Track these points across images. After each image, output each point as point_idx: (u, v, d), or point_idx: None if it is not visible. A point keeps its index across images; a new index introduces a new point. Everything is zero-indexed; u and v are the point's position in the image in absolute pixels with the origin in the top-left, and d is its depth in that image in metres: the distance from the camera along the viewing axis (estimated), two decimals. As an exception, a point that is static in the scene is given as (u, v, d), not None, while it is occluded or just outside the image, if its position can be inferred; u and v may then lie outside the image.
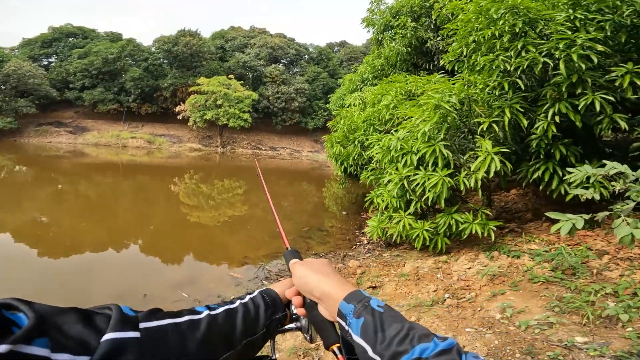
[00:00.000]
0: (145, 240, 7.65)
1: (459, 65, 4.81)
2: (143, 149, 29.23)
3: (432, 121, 4.01)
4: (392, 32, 9.05)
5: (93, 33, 36.64)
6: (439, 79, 4.62)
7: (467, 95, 3.89)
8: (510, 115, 3.75)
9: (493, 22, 3.89)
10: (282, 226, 1.04)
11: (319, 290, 0.62)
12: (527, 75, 3.90)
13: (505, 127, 3.81)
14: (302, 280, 0.66)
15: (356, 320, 0.54)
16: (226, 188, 15.22)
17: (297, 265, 0.70)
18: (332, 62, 40.79)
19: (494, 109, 3.82)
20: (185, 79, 32.23)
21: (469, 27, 4.13)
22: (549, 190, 4.11)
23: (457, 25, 4.37)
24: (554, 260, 3.75)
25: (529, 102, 4.03)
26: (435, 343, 0.48)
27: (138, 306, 1.96)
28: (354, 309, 0.56)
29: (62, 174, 17.28)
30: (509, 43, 3.76)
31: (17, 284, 4.98)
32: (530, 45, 3.59)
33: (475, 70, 4.21)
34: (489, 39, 3.89)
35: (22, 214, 9.24)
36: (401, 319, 0.53)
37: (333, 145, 7.91)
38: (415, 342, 0.49)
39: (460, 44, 4.32)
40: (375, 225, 4.98)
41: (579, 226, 1.83)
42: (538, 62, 3.49)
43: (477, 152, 3.96)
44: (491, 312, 3.10)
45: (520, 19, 3.65)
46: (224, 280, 5.30)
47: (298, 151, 34.91)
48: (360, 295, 0.58)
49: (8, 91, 27.98)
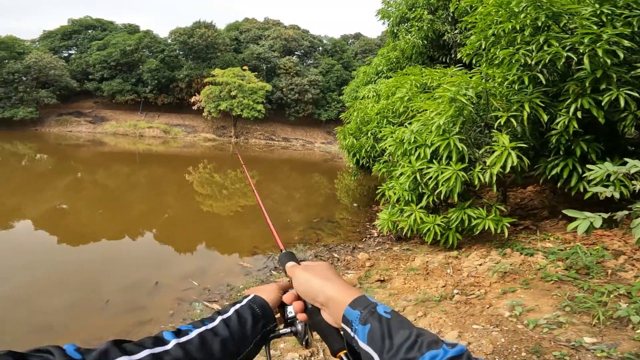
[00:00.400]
0: (157, 228, 7.83)
1: (477, 59, 4.71)
2: (159, 139, 29.77)
3: (448, 114, 3.95)
4: (408, 24, 8.89)
5: (111, 25, 37.18)
6: (455, 72, 4.52)
7: (485, 88, 3.81)
8: (530, 110, 3.67)
9: (514, 15, 3.79)
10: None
11: (323, 295, 0.60)
12: (548, 69, 3.79)
13: (524, 122, 3.73)
14: (305, 285, 0.64)
15: (362, 327, 0.53)
16: (239, 178, 15.37)
17: (297, 270, 0.68)
18: (346, 54, 40.37)
19: (513, 103, 3.74)
20: (200, 70, 32.49)
21: (488, 20, 4.03)
22: (568, 188, 4.00)
23: (475, 18, 4.27)
24: (568, 259, 3.67)
25: (550, 96, 3.93)
26: (445, 350, 0.47)
27: (150, 293, 2.04)
28: (360, 315, 0.54)
29: (82, 162, 17.77)
30: (531, 37, 3.67)
31: (34, 270, 5.17)
32: (553, 39, 3.49)
33: (494, 64, 4.12)
34: (509, 32, 3.80)
35: (42, 202, 9.57)
36: (408, 325, 0.52)
37: (346, 137, 7.88)
38: (424, 348, 0.47)
39: (478, 37, 4.23)
40: (386, 218, 4.96)
41: (597, 225, 1.78)
42: (561, 57, 3.40)
43: (493, 146, 3.89)
44: (500, 309, 3.06)
45: (544, 13, 3.55)
46: (234, 269, 5.38)
47: (311, 142, 34.89)
48: (366, 301, 0.56)
49: (29, 82, 28.71)
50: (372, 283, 4.18)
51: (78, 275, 5.11)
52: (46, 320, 3.84)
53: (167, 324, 3.76)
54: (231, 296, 4.35)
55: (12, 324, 3.73)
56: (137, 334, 3.56)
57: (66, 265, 5.48)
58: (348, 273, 4.59)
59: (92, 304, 4.23)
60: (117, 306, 4.18)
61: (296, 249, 6.05)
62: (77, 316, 3.99)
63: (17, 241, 6.51)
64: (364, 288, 4.04)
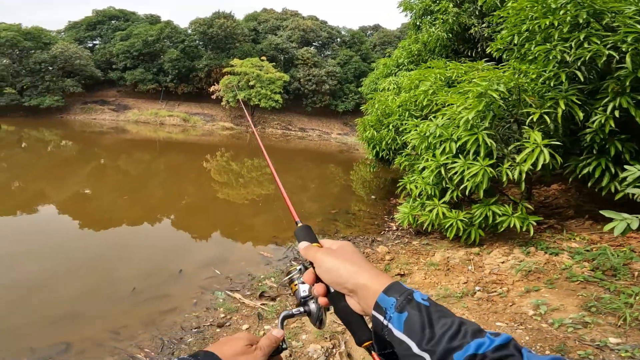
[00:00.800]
0: (178, 215, 8.02)
1: (507, 54, 4.60)
2: (179, 127, 30.35)
3: (477, 109, 3.88)
4: (432, 17, 8.69)
5: (133, 15, 37.79)
6: (486, 67, 4.43)
7: (517, 84, 3.72)
8: (565, 107, 3.58)
9: (551, 11, 3.68)
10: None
11: (353, 282, 0.56)
12: (586, 67, 3.69)
13: (558, 119, 3.64)
14: (332, 273, 0.59)
15: (398, 315, 0.50)
16: (255, 166, 15.56)
17: (320, 255, 0.62)
18: (364, 46, 39.80)
19: (546, 99, 3.64)
20: (219, 60, 32.78)
21: (522, 15, 3.93)
22: (598, 188, 3.90)
23: (507, 12, 4.16)
24: (595, 260, 3.60)
25: (585, 94, 3.82)
26: (490, 338, 0.45)
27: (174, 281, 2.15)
28: (396, 302, 0.51)
29: (105, 149, 18.32)
30: (569, 33, 3.57)
31: (64, 254, 5.37)
32: (594, 36, 3.40)
33: (527, 60, 4.02)
34: (546, 29, 3.70)
35: (66, 187, 9.96)
36: (449, 314, 0.50)
37: (366, 128, 7.84)
38: (468, 337, 0.45)
39: (510, 32, 4.12)
40: (406, 212, 4.95)
41: (634, 227, 1.76)
42: (602, 55, 3.32)
43: (524, 143, 3.82)
44: (523, 308, 3.05)
45: (585, 10, 3.45)
46: (255, 259, 5.45)
47: (327, 133, 34.82)
48: (401, 288, 0.53)
49: (55, 71, 29.69)
50: (392, 277, 4.21)
51: (104, 262, 5.21)
52: (74, 307, 3.90)
53: (190, 313, 3.79)
54: (252, 286, 4.37)
55: (42, 310, 3.78)
56: (162, 322, 3.61)
57: (91, 251, 5.60)
58: (367, 266, 4.62)
59: (118, 291, 4.28)
60: (142, 294, 4.19)
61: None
62: (104, 303, 4.04)
63: (43, 226, 6.72)
64: (384, 281, 4.07)
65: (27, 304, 3.90)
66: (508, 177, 3.88)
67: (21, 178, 10.66)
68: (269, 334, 0.67)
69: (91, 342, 3.28)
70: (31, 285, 4.28)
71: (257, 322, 3.60)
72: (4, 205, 7.63)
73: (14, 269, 4.65)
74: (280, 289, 4.27)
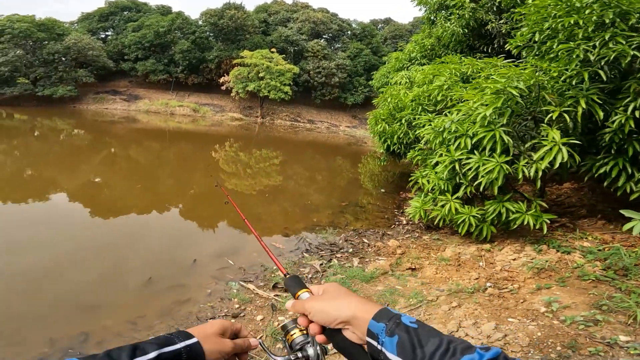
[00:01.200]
0: (189, 206, 8.11)
1: (527, 51, 4.57)
2: (189, 117, 30.60)
3: (495, 105, 3.88)
4: (448, 12, 8.57)
5: (145, 6, 37.94)
6: (506, 64, 4.39)
7: (537, 81, 3.70)
8: (585, 106, 3.57)
9: (575, 10, 3.66)
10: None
11: (344, 315, 0.59)
12: (609, 66, 3.67)
13: (578, 118, 3.63)
14: (322, 314, 0.62)
15: (390, 339, 0.53)
16: (263, 157, 15.65)
17: (309, 304, 0.65)
18: (375, 39, 39.36)
19: (566, 98, 3.63)
20: (229, 52, 32.78)
21: (544, 13, 3.89)
22: (614, 187, 3.89)
23: (528, 9, 4.12)
24: (607, 260, 3.61)
25: (606, 93, 3.80)
26: (480, 354, 0.47)
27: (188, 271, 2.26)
28: (386, 327, 0.54)
29: (116, 138, 18.54)
30: (593, 33, 3.55)
31: (79, 244, 5.43)
32: (619, 36, 3.38)
33: (548, 57, 4.00)
34: (569, 27, 3.67)
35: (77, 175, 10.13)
36: (437, 333, 0.52)
37: (377, 122, 7.83)
38: (458, 354, 0.47)
39: (531, 29, 4.09)
40: (418, 206, 4.98)
41: (652, 227, 1.78)
42: (627, 55, 3.31)
43: (541, 141, 3.81)
44: (535, 304, 3.09)
45: (612, 10, 3.43)
46: (266, 249, 5.54)
47: (335, 125, 34.75)
48: (389, 313, 0.56)
49: (69, 62, 30.08)
50: (403, 271, 4.26)
51: (118, 251, 5.26)
52: (91, 297, 3.95)
53: (205, 303, 3.83)
54: (265, 277, 4.43)
55: (59, 300, 3.83)
56: (177, 312, 3.66)
57: (105, 240, 5.65)
58: (379, 259, 4.69)
59: (133, 280, 4.32)
60: (157, 283, 4.22)
61: (326, 231, 6.19)
62: (121, 293, 4.08)
63: (57, 215, 6.77)
64: (396, 276, 4.13)
65: (45, 294, 3.93)
66: (524, 174, 3.88)
67: (33, 166, 10.85)
68: (246, 339, 0.71)
69: (110, 332, 3.29)
70: (48, 275, 4.31)
71: (271, 313, 3.64)
72: (19, 194, 7.75)
73: (29, 259, 4.66)
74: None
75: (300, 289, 0.71)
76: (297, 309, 0.66)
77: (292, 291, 0.72)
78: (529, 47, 4.50)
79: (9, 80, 28.20)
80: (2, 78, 27.76)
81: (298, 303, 0.67)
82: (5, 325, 3.33)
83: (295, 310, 0.67)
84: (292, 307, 0.68)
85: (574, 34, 3.69)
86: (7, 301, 3.76)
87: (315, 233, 6.17)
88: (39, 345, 3.08)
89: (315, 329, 0.64)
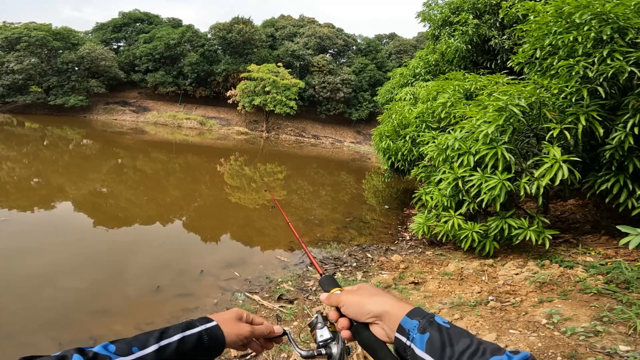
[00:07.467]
0: (196, 218, 8.22)
1: (529, 67, 4.67)
2: (195, 130, 31.00)
3: (497, 123, 3.96)
4: (451, 28, 8.80)
5: (157, 19, 39.05)
6: (508, 81, 4.51)
7: (538, 99, 3.80)
8: (585, 123, 3.63)
9: (575, 26, 3.75)
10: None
11: (376, 310, 0.62)
12: (608, 83, 3.74)
13: (578, 135, 3.69)
14: (356, 306, 0.65)
15: (421, 336, 0.54)
16: (268, 172, 15.79)
17: (344, 296, 0.68)
18: (380, 55, 39.99)
19: (567, 115, 3.71)
20: (237, 65, 33.45)
21: (545, 29, 3.99)
22: (616, 204, 3.95)
23: (530, 26, 4.24)
24: (609, 274, 3.66)
25: (606, 110, 3.87)
26: (509, 356, 0.48)
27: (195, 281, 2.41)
28: (419, 324, 0.56)
29: (123, 149, 18.83)
30: (592, 49, 3.63)
31: (88, 251, 5.53)
32: (617, 52, 3.46)
33: (549, 74, 4.09)
34: (569, 44, 3.76)
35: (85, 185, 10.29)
36: (468, 334, 0.53)
37: (382, 138, 7.94)
38: (487, 355, 0.48)
39: (533, 46, 4.19)
40: (421, 222, 5.06)
41: (648, 242, 1.86)
42: (625, 71, 3.37)
43: (542, 158, 3.88)
44: (537, 317, 3.13)
45: (609, 26, 3.51)
46: (272, 262, 5.56)
47: (340, 141, 35.00)
48: (423, 312, 0.58)
49: (81, 72, 30.79)
50: (406, 285, 4.32)
51: (128, 259, 5.36)
52: (100, 302, 4.01)
53: (212, 312, 3.85)
54: (270, 289, 4.49)
55: (68, 305, 3.90)
56: (185, 320, 3.72)
57: (115, 248, 5.75)
58: (382, 273, 4.75)
59: (142, 288, 4.42)
60: (165, 291, 4.31)
61: (330, 246, 6.26)
62: (130, 300, 4.15)
63: (65, 223, 6.87)
64: (399, 289, 4.18)
65: (54, 300, 4.00)
66: (526, 191, 3.95)
67: (41, 175, 10.99)
68: (269, 325, 0.77)
69: (118, 337, 3.37)
70: (57, 281, 4.39)
71: (276, 324, 3.70)
72: (27, 201, 7.87)
73: (41, 265, 4.75)
74: (298, 292, 4.41)
75: (334, 287, 0.76)
76: (332, 301, 0.70)
77: (326, 289, 0.77)
78: (531, 63, 4.57)
79: (22, 88, 28.82)
80: (16, 86, 28.35)
81: (333, 296, 0.70)
82: (16, 329, 3.40)
83: (330, 302, 0.70)
84: (327, 299, 0.71)
85: (574, 51, 3.76)
86: (19, 305, 3.84)
87: (320, 247, 6.22)
88: (48, 348, 3.14)
89: (344, 323, 0.66)
